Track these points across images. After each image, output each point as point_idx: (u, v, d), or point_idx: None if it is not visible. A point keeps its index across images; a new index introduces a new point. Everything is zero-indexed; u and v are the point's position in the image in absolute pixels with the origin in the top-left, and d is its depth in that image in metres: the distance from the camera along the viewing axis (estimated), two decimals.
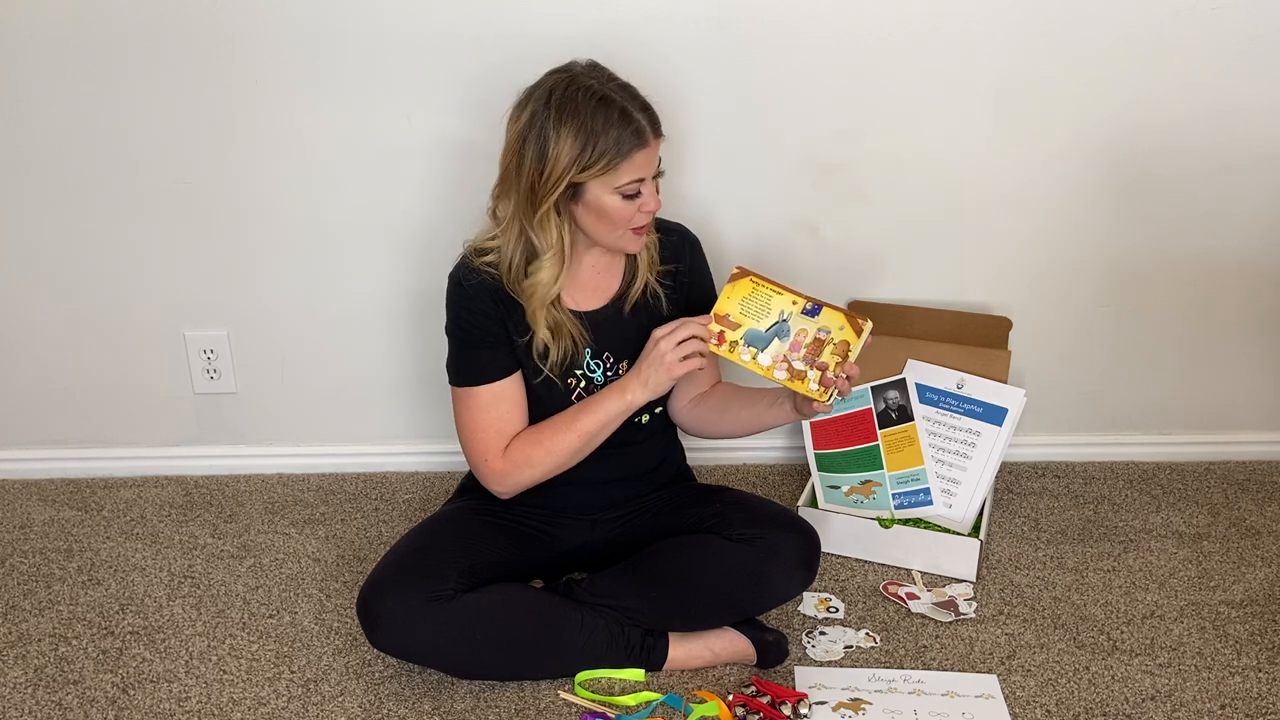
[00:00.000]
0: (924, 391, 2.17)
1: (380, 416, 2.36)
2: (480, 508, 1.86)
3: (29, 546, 2.14)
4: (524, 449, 1.77)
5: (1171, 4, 2.05)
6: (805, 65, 2.09)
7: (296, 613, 1.96)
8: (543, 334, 1.73)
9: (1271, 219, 2.23)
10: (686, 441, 2.03)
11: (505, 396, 1.77)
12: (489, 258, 1.74)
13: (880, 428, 2.17)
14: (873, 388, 2.19)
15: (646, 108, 1.66)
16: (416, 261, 2.21)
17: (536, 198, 1.66)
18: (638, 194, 1.67)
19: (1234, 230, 2.24)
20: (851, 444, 2.18)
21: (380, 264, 2.22)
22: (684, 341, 1.70)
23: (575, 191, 1.66)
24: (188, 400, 2.34)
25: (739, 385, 1.95)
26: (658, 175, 1.71)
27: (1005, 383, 2.15)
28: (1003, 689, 1.78)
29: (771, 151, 2.15)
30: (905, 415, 2.16)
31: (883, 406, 2.18)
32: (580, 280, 1.80)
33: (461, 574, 1.71)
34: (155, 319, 2.27)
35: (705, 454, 2.32)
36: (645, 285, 1.81)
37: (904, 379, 2.18)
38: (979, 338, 2.22)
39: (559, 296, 1.75)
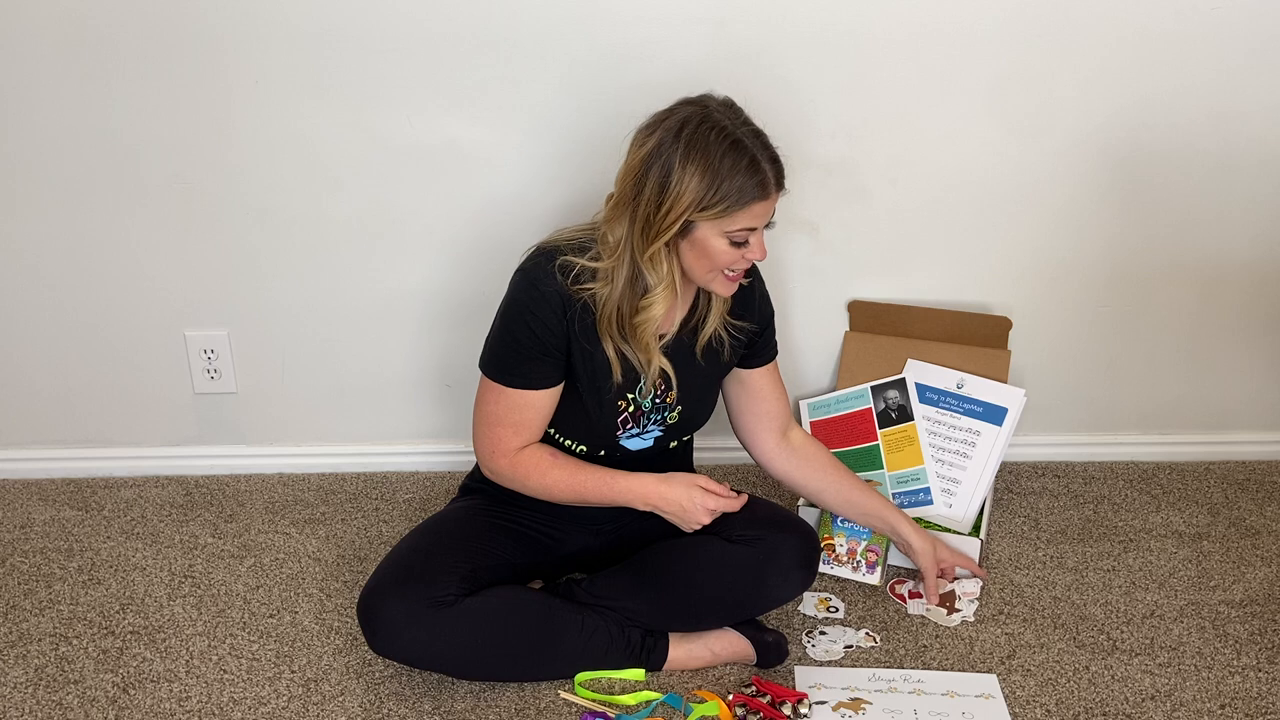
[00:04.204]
0: (924, 391, 2.17)
1: (380, 416, 2.36)
2: (484, 508, 1.86)
3: (29, 546, 2.14)
4: (528, 470, 1.75)
5: (1171, 4, 2.05)
6: (805, 65, 2.09)
7: (297, 612, 1.96)
8: (659, 362, 1.71)
9: (1272, 219, 2.23)
10: None
11: (532, 405, 1.73)
12: (593, 285, 1.66)
13: (880, 427, 2.17)
14: (873, 388, 2.19)
15: (775, 160, 1.63)
16: (417, 261, 2.21)
17: (652, 232, 1.62)
18: (745, 242, 1.65)
19: (1234, 230, 2.24)
20: (851, 444, 2.18)
21: (380, 264, 2.22)
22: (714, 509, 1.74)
23: (685, 227, 1.63)
24: (188, 400, 2.33)
25: (842, 468, 1.96)
26: (768, 225, 1.68)
27: (1005, 383, 2.16)
28: (1003, 688, 1.78)
29: None
30: (905, 415, 2.16)
31: (883, 406, 2.18)
32: None
33: (463, 579, 1.70)
34: (155, 319, 2.27)
35: (706, 454, 2.31)
36: (713, 330, 1.78)
37: (904, 379, 2.18)
38: (979, 338, 2.22)
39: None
